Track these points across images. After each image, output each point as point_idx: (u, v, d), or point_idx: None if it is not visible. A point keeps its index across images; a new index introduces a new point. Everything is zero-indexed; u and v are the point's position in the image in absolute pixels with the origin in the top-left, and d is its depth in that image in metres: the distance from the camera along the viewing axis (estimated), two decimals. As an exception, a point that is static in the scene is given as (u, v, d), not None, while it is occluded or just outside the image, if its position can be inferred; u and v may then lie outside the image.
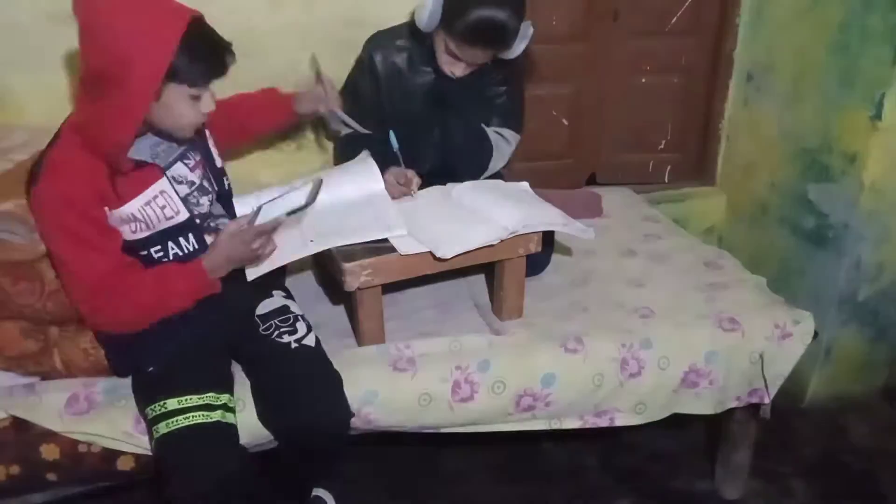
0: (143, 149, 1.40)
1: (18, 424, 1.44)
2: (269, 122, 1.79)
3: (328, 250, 1.53)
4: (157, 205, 1.38)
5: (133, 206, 1.35)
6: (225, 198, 1.58)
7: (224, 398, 1.42)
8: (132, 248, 1.39)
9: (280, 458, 1.55)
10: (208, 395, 1.39)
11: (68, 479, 1.49)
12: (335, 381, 1.49)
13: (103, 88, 1.25)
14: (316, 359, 1.52)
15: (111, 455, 1.47)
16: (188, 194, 1.46)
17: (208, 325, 1.45)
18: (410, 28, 1.78)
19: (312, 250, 1.52)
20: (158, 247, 1.41)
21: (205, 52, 1.28)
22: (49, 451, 1.44)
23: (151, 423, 1.39)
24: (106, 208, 1.33)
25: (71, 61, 1.89)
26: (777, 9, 2.30)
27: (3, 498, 1.48)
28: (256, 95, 1.77)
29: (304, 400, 1.45)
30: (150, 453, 1.44)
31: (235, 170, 2.13)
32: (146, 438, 1.43)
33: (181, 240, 1.43)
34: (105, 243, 1.34)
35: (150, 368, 1.44)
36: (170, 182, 1.40)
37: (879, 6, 1.93)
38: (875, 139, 2.00)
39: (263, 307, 1.59)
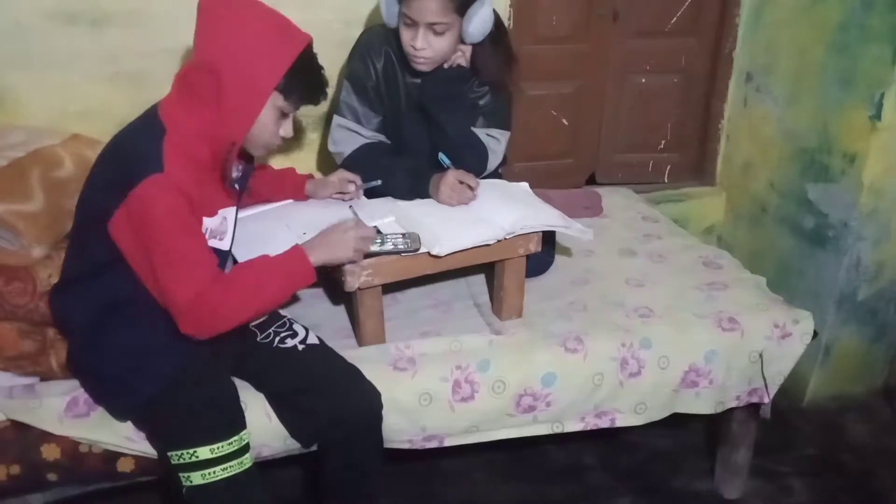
0: None
1: (19, 424, 1.43)
2: (279, 196, 1.75)
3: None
4: (214, 224, 1.40)
5: (210, 223, 1.38)
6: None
7: (246, 437, 1.40)
8: None
9: (319, 473, 1.55)
10: (234, 438, 1.37)
11: (69, 480, 1.49)
12: (354, 369, 1.50)
13: (218, 85, 1.29)
14: (327, 354, 1.53)
15: (112, 456, 1.46)
16: None
17: (211, 344, 1.41)
18: (387, 30, 1.75)
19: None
20: None
21: (310, 76, 1.38)
22: (49, 451, 1.44)
23: (178, 468, 1.35)
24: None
25: (71, 61, 1.90)
26: (776, 9, 2.30)
27: (3, 498, 1.48)
28: (275, 170, 1.79)
29: (331, 394, 1.46)
30: (150, 456, 1.44)
31: (235, 170, 2.14)
32: (147, 443, 1.43)
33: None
34: (205, 242, 1.36)
35: (154, 392, 1.37)
36: (235, 212, 1.44)
37: (879, 6, 1.93)
38: (874, 139, 2.00)
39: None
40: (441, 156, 1.73)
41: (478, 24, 1.65)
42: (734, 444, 1.90)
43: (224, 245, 1.43)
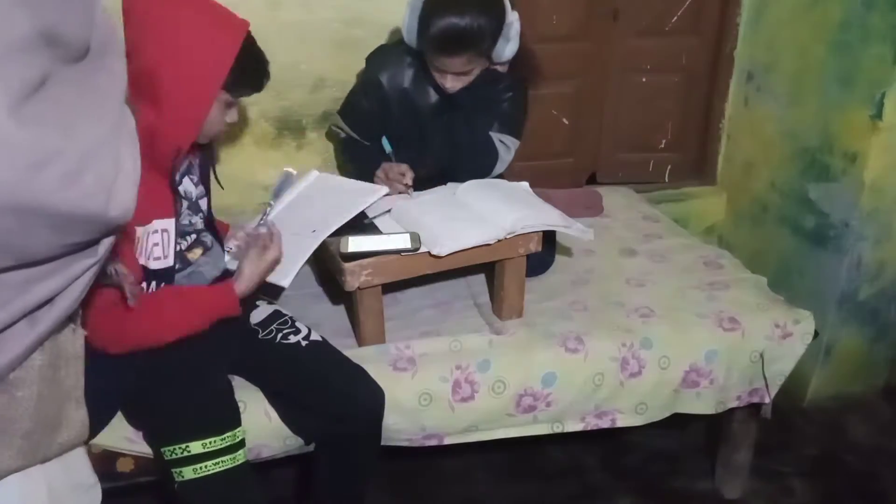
0: None
1: (18, 425, 1.43)
2: None
3: (328, 250, 1.54)
4: (151, 242, 1.32)
5: (152, 226, 1.31)
6: (209, 221, 1.53)
7: (240, 434, 1.39)
8: None
9: (313, 469, 1.55)
10: (228, 434, 1.36)
11: (68, 480, 1.49)
12: (357, 366, 1.50)
13: (159, 89, 1.22)
14: (330, 352, 1.53)
15: (110, 456, 1.46)
16: (187, 206, 1.44)
17: (208, 342, 1.41)
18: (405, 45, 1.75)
19: (320, 238, 1.51)
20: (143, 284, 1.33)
21: (253, 65, 1.33)
22: (48, 452, 1.44)
23: (170, 464, 1.34)
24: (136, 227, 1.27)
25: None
26: (777, 8, 2.30)
27: (3, 498, 1.48)
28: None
29: (337, 391, 1.45)
30: (149, 456, 1.44)
31: (235, 169, 2.14)
32: (146, 444, 1.43)
33: (153, 283, 1.36)
34: (132, 252, 1.27)
35: (149, 391, 1.37)
36: (175, 227, 1.37)
37: (880, 5, 1.93)
38: (875, 138, 1.99)
39: (255, 316, 1.57)
40: (384, 140, 1.76)
41: (507, 53, 1.68)
42: (735, 444, 1.90)
43: (165, 263, 1.35)
